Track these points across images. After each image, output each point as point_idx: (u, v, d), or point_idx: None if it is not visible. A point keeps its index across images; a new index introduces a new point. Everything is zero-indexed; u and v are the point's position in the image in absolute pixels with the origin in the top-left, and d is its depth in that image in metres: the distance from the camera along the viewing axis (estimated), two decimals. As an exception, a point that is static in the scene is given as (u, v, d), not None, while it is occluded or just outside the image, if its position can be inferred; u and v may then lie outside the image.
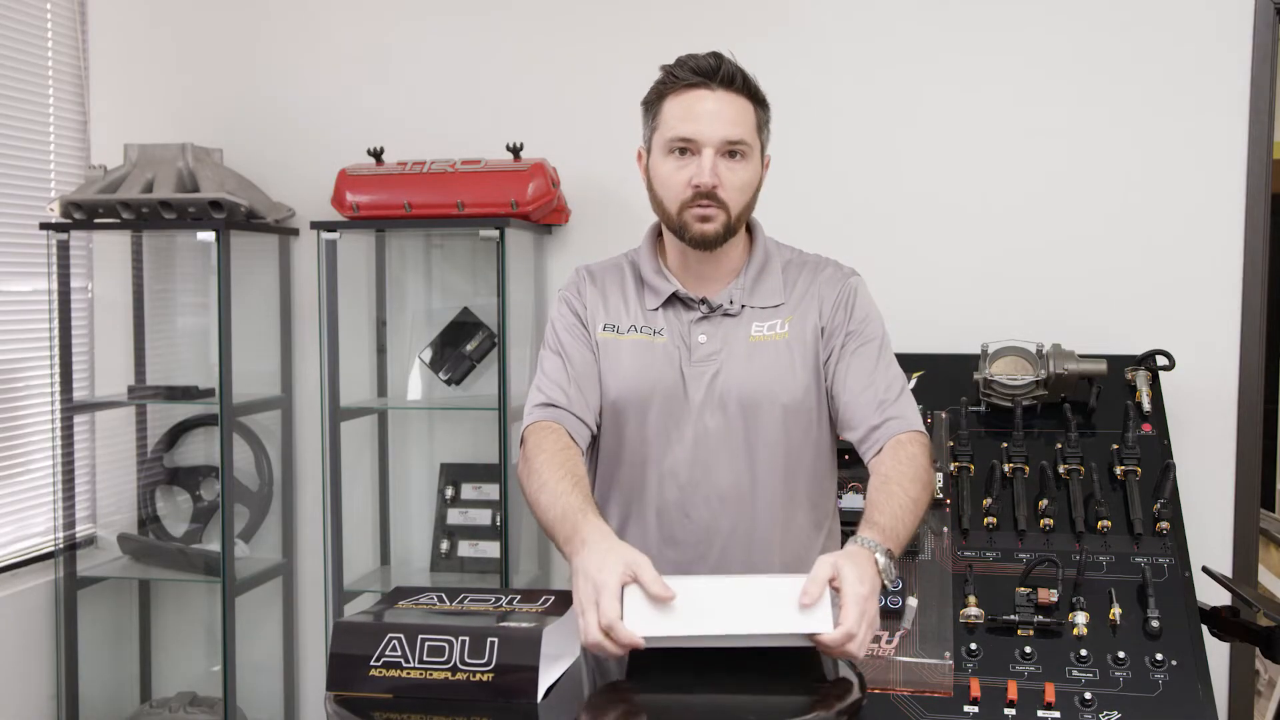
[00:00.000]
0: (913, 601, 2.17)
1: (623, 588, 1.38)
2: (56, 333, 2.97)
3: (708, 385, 1.75)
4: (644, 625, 1.36)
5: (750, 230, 1.85)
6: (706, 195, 1.70)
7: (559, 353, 1.81)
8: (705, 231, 1.72)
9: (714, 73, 1.70)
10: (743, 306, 1.79)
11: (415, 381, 3.14)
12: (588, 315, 1.83)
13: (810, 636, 1.37)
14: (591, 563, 1.42)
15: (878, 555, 1.47)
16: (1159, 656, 2.07)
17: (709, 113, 1.70)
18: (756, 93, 1.75)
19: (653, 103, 1.77)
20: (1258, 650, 2.18)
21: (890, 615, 2.16)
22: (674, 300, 1.80)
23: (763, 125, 1.77)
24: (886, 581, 1.48)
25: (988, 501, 2.35)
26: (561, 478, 1.60)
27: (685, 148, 1.71)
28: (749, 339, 1.77)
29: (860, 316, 1.80)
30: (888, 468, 1.66)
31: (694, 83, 1.71)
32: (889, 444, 1.69)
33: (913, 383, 2.56)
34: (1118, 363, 2.53)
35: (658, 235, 1.87)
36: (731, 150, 1.71)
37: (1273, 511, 4.41)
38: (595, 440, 1.85)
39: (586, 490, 1.61)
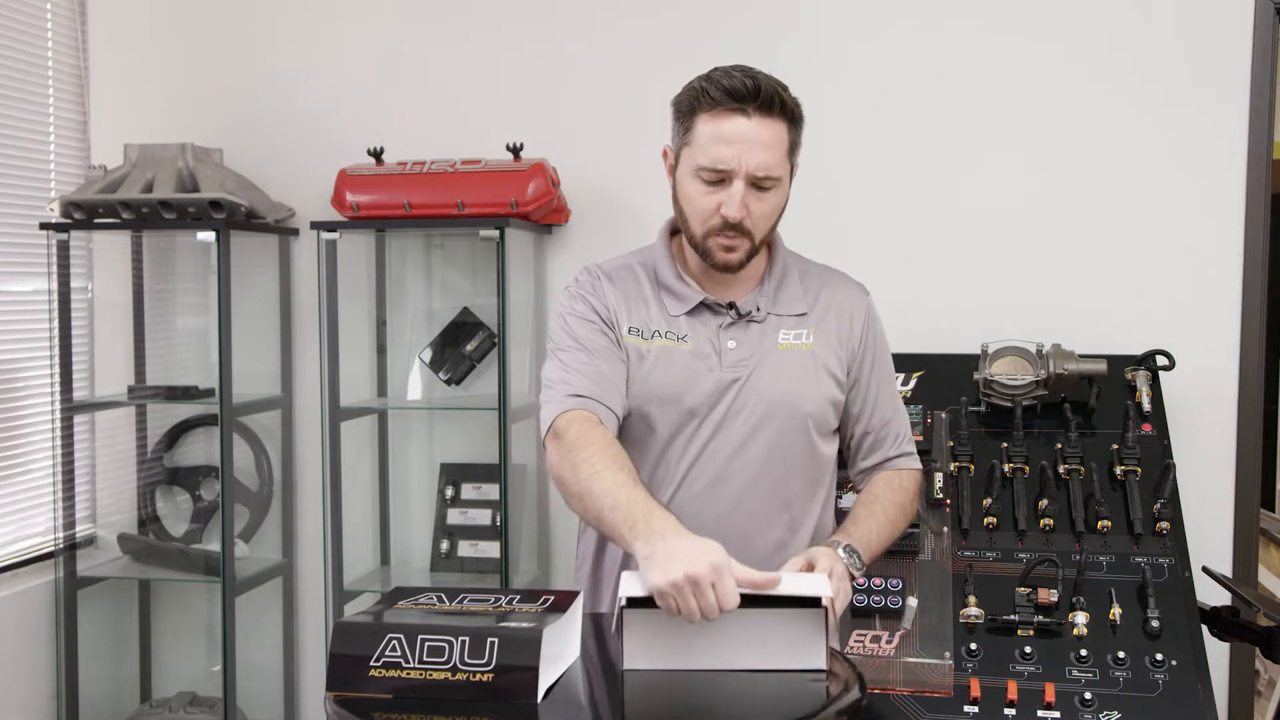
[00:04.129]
0: (913, 601, 2.17)
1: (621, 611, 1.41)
2: (56, 333, 2.97)
3: (738, 391, 1.74)
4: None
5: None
6: (733, 226, 1.68)
7: (577, 346, 1.75)
8: (730, 260, 1.72)
9: (752, 97, 1.63)
10: (768, 314, 1.79)
11: (415, 381, 3.14)
12: (610, 314, 1.79)
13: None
14: (692, 543, 1.42)
15: (839, 551, 1.65)
16: (1159, 656, 2.07)
17: (744, 142, 1.63)
18: (794, 112, 1.69)
19: (685, 114, 1.70)
20: (1258, 650, 2.18)
21: (890, 615, 2.16)
22: (700, 306, 1.78)
23: (795, 146, 1.72)
24: (854, 571, 1.65)
25: (988, 501, 2.35)
26: (620, 468, 1.57)
27: (716, 179, 1.67)
28: (777, 346, 1.77)
29: (881, 341, 1.88)
30: (880, 491, 1.83)
31: (731, 107, 1.63)
32: (890, 472, 1.86)
33: (913, 383, 2.57)
34: (1118, 363, 2.53)
35: (671, 236, 1.85)
36: (762, 182, 1.67)
37: (1273, 511, 4.41)
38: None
39: (639, 479, 1.59)
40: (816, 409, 1.77)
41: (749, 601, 1.40)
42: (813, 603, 1.40)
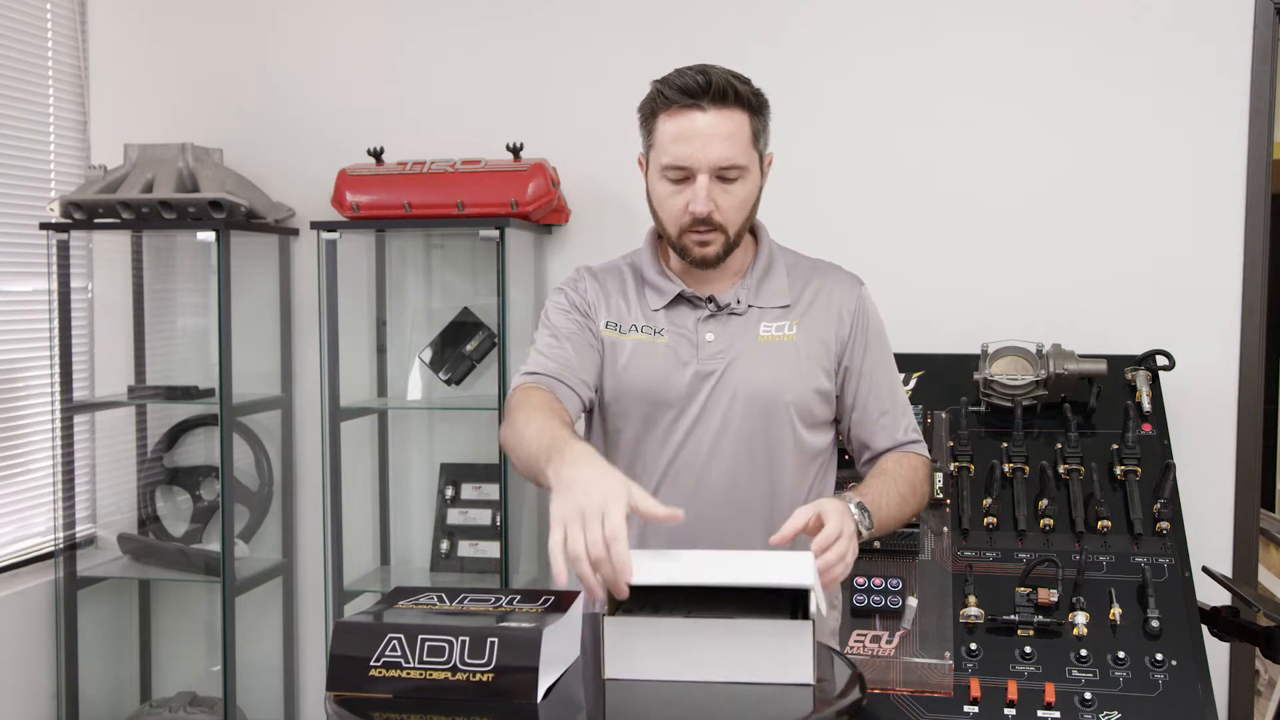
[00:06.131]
0: (913, 601, 2.17)
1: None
2: (56, 333, 2.97)
3: (715, 383, 1.75)
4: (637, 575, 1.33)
5: (754, 231, 1.85)
6: (704, 221, 1.69)
7: (550, 334, 1.80)
8: (706, 255, 1.73)
9: (704, 91, 1.65)
10: (749, 306, 1.79)
11: (415, 381, 3.14)
12: (590, 308, 1.82)
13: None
14: (595, 473, 1.37)
15: (850, 506, 1.57)
16: (1159, 656, 2.07)
17: (701, 137, 1.66)
18: (751, 101, 1.70)
19: (647, 117, 1.74)
20: (1258, 650, 2.18)
21: (890, 615, 2.16)
22: (679, 300, 1.80)
23: (759, 133, 1.73)
24: (863, 529, 1.59)
25: (988, 501, 2.35)
26: (548, 417, 1.57)
27: (681, 176, 1.69)
28: (758, 338, 1.77)
29: (876, 331, 1.84)
30: (890, 466, 1.78)
31: (685, 104, 1.66)
32: (897, 452, 1.82)
33: (913, 383, 2.57)
34: (1118, 363, 2.53)
35: (659, 236, 1.86)
36: (726, 173, 1.68)
37: (1273, 511, 4.41)
38: (590, 435, 1.85)
39: (573, 428, 1.58)
40: (798, 398, 1.76)
41: (733, 591, 1.36)
42: (798, 597, 1.37)
